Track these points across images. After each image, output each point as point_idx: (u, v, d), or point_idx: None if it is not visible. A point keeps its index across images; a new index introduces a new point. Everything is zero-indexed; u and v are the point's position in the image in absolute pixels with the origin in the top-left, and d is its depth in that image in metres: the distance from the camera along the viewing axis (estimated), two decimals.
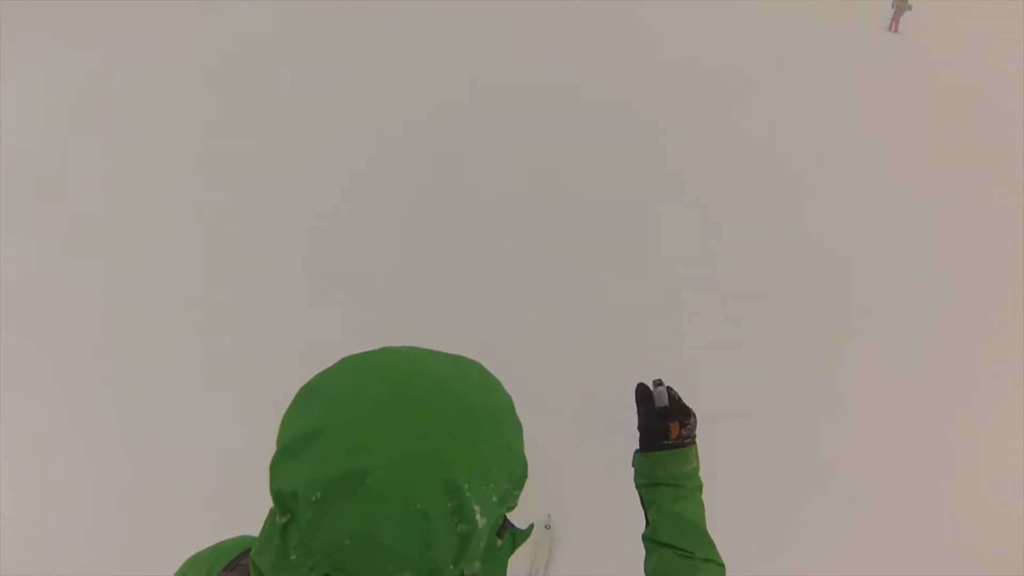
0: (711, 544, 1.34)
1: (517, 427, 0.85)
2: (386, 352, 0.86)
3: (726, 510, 5.07)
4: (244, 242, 7.89)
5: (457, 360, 0.86)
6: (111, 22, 14.66)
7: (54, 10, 14.96)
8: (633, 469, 1.47)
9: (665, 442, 1.45)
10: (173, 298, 6.98)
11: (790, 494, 5.36)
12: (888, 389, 6.59)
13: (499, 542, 0.85)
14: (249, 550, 0.98)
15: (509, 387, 0.88)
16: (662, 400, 1.50)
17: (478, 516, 0.75)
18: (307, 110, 11.38)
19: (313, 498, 0.73)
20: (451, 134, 10.90)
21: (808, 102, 13.51)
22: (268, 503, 1.38)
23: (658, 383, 1.51)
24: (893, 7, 12.13)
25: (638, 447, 1.49)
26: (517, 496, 0.87)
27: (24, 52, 12.69)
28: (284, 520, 0.77)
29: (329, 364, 0.88)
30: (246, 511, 1.44)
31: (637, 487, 1.45)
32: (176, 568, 1.10)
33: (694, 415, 1.51)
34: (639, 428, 1.49)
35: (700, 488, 1.44)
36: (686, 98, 13.19)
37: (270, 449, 0.83)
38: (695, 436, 1.48)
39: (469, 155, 10.23)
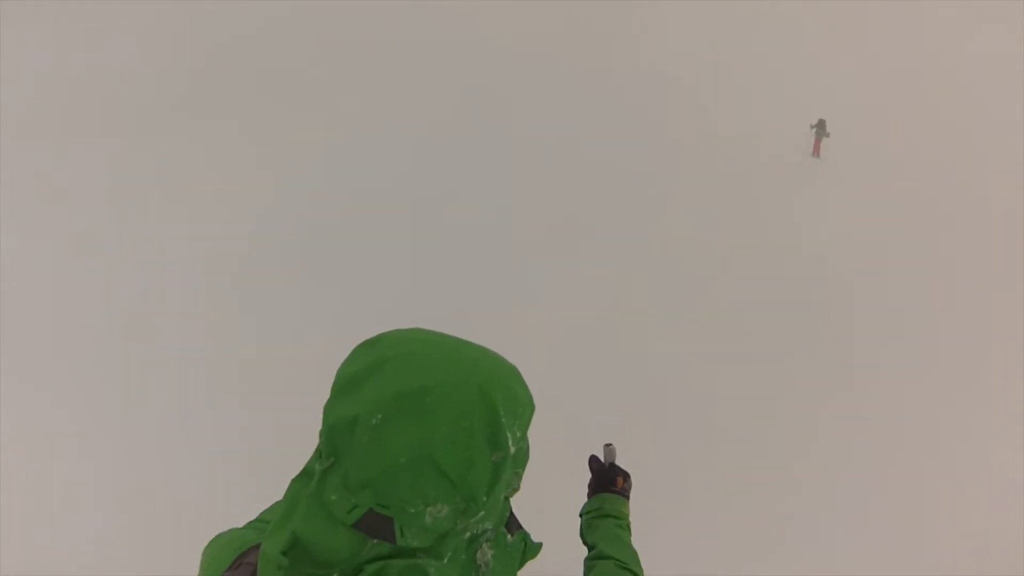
0: (640, 565, 1.60)
1: (531, 398, 0.95)
2: (419, 328, 0.97)
3: (728, 511, 5.09)
4: (245, 244, 7.89)
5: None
6: (113, 19, 14.66)
7: (55, 9, 14.96)
8: (581, 514, 1.77)
9: (613, 487, 1.79)
10: (174, 299, 6.98)
11: (791, 495, 5.36)
12: (889, 392, 6.59)
13: (510, 537, 0.89)
14: (251, 548, 0.99)
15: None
16: (611, 456, 1.85)
17: (509, 444, 0.84)
18: (308, 111, 11.38)
19: (374, 420, 0.79)
20: (453, 138, 10.90)
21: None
22: (269, 503, 1.38)
23: (608, 444, 1.87)
24: (815, 135, 12.94)
25: (587, 498, 1.81)
26: (521, 476, 0.94)
27: (24, 51, 12.69)
28: (327, 464, 0.81)
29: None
30: (246, 511, 1.45)
31: (583, 519, 1.75)
32: (175, 567, 1.11)
33: (631, 477, 1.85)
34: (592, 481, 1.83)
35: (630, 529, 1.75)
36: (686, 104, 13.20)
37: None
38: (630, 493, 1.84)
39: (470, 161, 10.22)
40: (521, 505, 0.96)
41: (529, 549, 0.94)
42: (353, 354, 0.91)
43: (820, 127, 13.08)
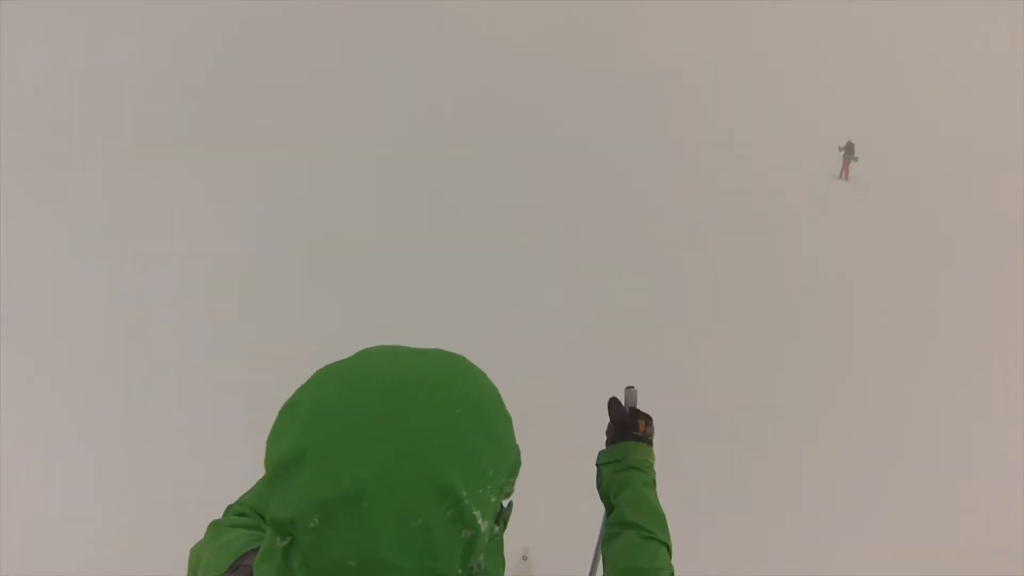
0: (667, 529, 1.44)
1: (506, 417, 0.82)
2: (364, 356, 0.83)
3: (727, 511, 5.09)
4: (246, 245, 7.89)
5: (438, 355, 0.84)
6: (115, 25, 14.66)
7: (56, 8, 14.95)
8: (599, 463, 1.58)
9: (636, 433, 1.59)
10: (174, 300, 6.98)
11: (789, 496, 5.36)
12: (888, 393, 6.59)
13: (497, 528, 0.84)
14: (250, 552, 0.98)
15: (493, 362, 0.87)
16: (633, 400, 1.67)
17: (479, 521, 0.73)
18: (308, 113, 11.39)
19: (311, 524, 0.70)
20: (453, 138, 10.89)
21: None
22: None
23: (630, 387, 1.69)
24: (843, 157, 12.99)
25: (606, 445, 1.64)
26: (513, 483, 0.86)
27: (24, 51, 12.68)
28: (284, 543, 0.74)
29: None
30: None
31: (604, 470, 1.56)
32: (175, 567, 1.11)
33: (653, 422, 1.67)
34: (611, 426, 1.63)
35: (655, 482, 1.59)
36: (683, 106, 13.19)
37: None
38: (652, 439, 1.65)
39: (470, 161, 10.22)
40: (520, 504, 0.95)
41: (505, 517, 0.87)
42: (276, 424, 0.80)
43: (848, 150, 13.07)
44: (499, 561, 0.85)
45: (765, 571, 4.71)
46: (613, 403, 1.70)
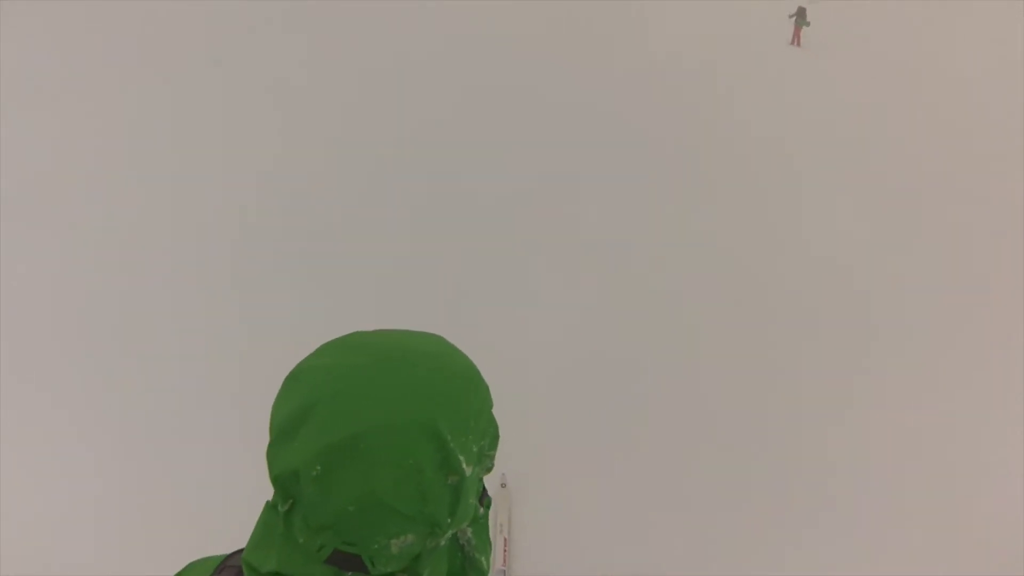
0: None
1: (486, 390, 0.92)
2: (358, 333, 0.93)
3: (726, 511, 5.08)
4: (244, 247, 7.89)
5: (423, 334, 0.94)
6: (115, 20, 14.66)
7: (55, 10, 14.95)
8: None
9: None
10: (173, 298, 6.98)
11: (793, 496, 5.36)
12: (890, 392, 6.58)
13: (481, 510, 0.91)
14: (234, 552, 0.99)
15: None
16: None
17: (464, 465, 0.82)
18: (307, 112, 11.39)
19: (314, 472, 0.77)
20: (452, 136, 10.90)
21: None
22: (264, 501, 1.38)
23: None
24: (795, 24, 12.86)
25: None
26: (492, 456, 0.94)
27: (24, 53, 12.68)
28: (286, 507, 0.81)
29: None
30: (246, 510, 1.44)
31: None
32: (176, 568, 1.11)
33: None
34: None
35: None
36: (678, 102, 13.20)
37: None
38: None
39: (469, 159, 10.22)
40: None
41: (486, 504, 0.96)
42: (282, 391, 0.88)
43: (800, 15, 12.92)
44: (485, 540, 0.93)
45: (762, 571, 4.71)
46: None
